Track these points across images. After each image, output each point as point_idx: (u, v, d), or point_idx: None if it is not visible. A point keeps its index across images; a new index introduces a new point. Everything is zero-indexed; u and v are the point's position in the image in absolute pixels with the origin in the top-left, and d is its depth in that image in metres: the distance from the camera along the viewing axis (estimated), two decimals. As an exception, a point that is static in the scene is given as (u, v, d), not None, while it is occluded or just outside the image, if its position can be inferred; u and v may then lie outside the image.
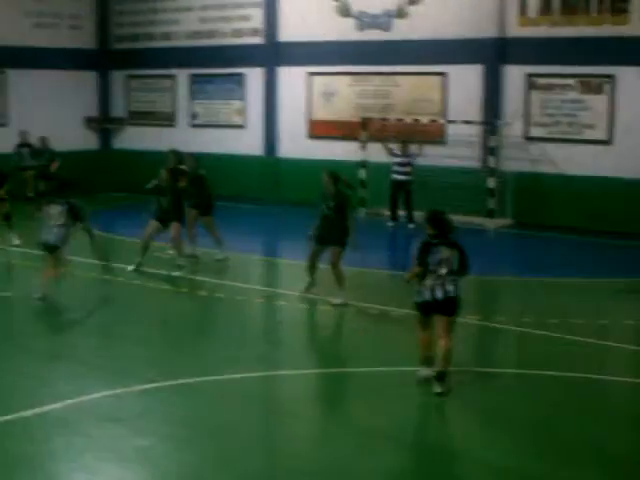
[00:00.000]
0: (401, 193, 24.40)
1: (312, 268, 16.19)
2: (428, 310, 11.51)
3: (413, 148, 24.34)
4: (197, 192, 19.19)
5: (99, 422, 10.22)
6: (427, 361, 11.70)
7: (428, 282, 11.40)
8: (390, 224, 24.41)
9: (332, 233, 15.64)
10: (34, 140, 27.56)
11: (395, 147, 24.46)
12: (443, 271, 11.39)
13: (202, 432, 10.13)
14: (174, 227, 18.40)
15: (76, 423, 10.18)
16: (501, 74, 24.56)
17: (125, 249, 21.00)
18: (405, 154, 24.32)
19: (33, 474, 8.95)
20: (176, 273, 18.03)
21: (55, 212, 15.91)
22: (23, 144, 27.23)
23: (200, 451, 9.54)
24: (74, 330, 14.22)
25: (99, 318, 15.48)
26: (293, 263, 19.92)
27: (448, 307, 11.43)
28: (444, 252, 11.46)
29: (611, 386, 12.04)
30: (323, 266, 16.16)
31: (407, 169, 24.27)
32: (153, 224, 18.42)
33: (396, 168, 24.34)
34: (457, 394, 11.67)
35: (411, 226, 23.94)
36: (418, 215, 23.88)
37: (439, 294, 11.36)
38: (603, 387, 11.98)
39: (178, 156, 19.93)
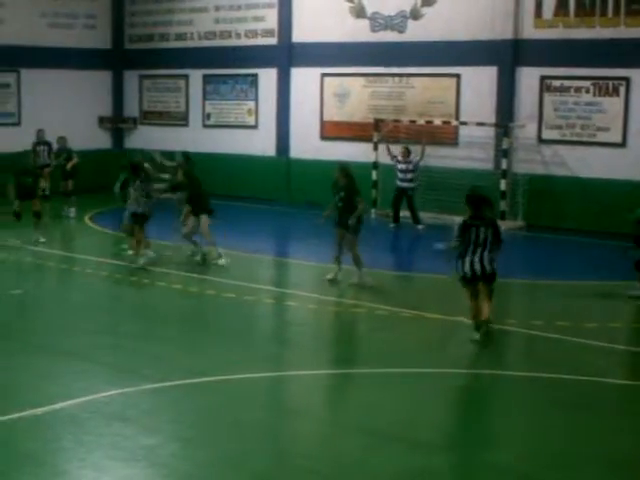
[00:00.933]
0: (403, 199, 24.38)
1: (339, 253, 17.34)
2: (470, 281, 13.33)
3: (414, 155, 24.27)
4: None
5: (108, 420, 10.22)
6: (477, 327, 13.49)
7: (467, 258, 13.16)
8: (392, 225, 24.35)
9: (344, 221, 16.91)
10: (52, 139, 27.57)
11: (398, 153, 24.40)
12: (479, 249, 13.11)
13: (210, 431, 10.12)
14: (204, 220, 18.96)
15: (85, 421, 10.18)
16: (515, 76, 24.49)
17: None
18: (407, 161, 24.18)
19: (42, 471, 8.95)
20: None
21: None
22: (40, 142, 27.24)
23: (208, 450, 9.53)
24: (85, 328, 14.21)
25: (109, 316, 15.49)
26: (303, 264, 19.92)
27: (487, 278, 13.31)
28: (481, 231, 13.14)
29: (620, 389, 11.99)
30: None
31: (409, 176, 24.17)
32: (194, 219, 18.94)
33: (399, 175, 24.26)
34: (467, 395, 11.67)
35: (420, 227, 23.97)
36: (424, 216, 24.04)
37: (477, 269, 13.14)
38: (610, 390, 11.93)
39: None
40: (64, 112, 30.05)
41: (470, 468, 9.40)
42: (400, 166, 24.20)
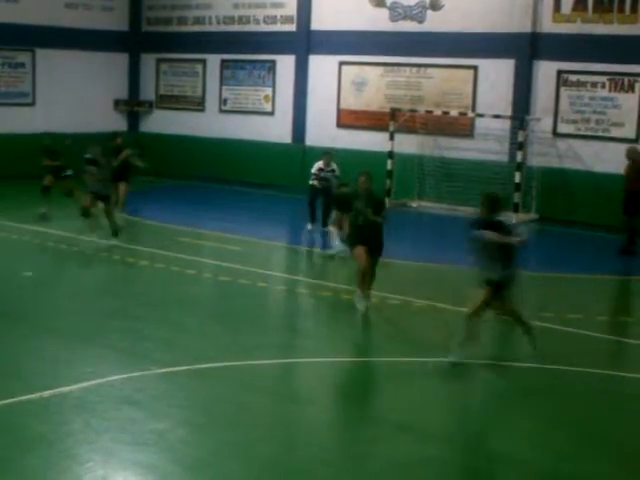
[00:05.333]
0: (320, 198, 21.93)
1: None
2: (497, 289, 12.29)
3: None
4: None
5: (117, 404, 10.27)
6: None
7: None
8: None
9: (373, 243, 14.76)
10: (67, 120, 27.44)
11: (321, 162, 21.87)
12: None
13: (220, 417, 10.16)
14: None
15: (94, 405, 10.23)
16: (532, 69, 24.46)
17: (148, 232, 21.13)
18: (330, 169, 21.72)
19: (51, 454, 9.00)
20: None
21: None
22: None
23: (217, 436, 9.60)
24: (95, 312, 14.26)
25: (120, 301, 15.53)
26: (317, 252, 19.97)
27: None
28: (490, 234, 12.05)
29: (632, 383, 12.00)
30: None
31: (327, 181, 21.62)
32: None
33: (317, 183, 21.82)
34: (478, 387, 11.70)
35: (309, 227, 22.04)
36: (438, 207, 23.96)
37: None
38: (622, 383, 11.94)
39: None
40: (79, 94, 30.12)
41: (479, 459, 9.43)
42: (322, 174, 21.72)
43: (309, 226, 21.88)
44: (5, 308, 14.29)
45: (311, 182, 21.80)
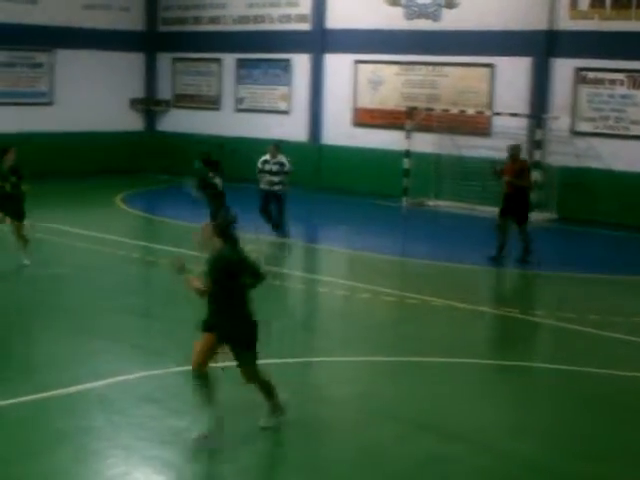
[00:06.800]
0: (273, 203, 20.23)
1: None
2: None
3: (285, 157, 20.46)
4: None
5: (137, 401, 10.27)
6: None
7: None
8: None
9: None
10: (85, 121, 27.50)
11: (267, 154, 20.33)
12: None
13: (238, 415, 10.10)
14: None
15: (115, 401, 10.23)
16: (550, 67, 24.35)
17: (167, 231, 21.12)
18: (276, 162, 20.15)
19: (71, 449, 9.00)
20: None
21: None
22: None
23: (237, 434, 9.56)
24: (116, 310, 14.24)
25: (141, 299, 15.53)
26: (334, 250, 19.92)
27: None
28: None
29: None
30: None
31: (276, 179, 20.08)
32: None
33: (266, 177, 20.17)
34: (498, 386, 11.65)
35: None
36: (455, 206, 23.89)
37: None
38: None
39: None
40: (96, 93, 30.21)
41: (498, 458, 9.35)
42: (268, 167, 20.14)
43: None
44: (31, 306, 14.39)
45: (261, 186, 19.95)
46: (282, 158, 20.15)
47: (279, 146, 20.65)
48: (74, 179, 27.46)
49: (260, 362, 9.56)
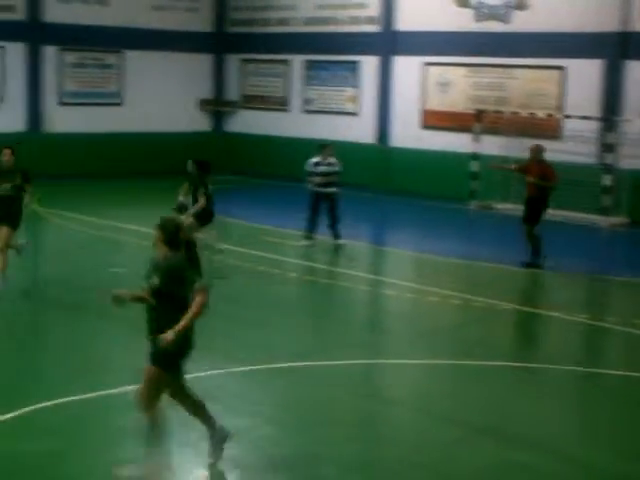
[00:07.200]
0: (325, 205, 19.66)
1: None
2: None
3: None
4: None
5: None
6: None
7: None
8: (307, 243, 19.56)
9: None
10: (153, 122, 27.68)
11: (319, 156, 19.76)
12: None
13: (301, 416, 10.08)
14: None
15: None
16: (622, 69, 23.97)
17: (235, 231, 21.16)
18: (328, 162, 19.65)
19: (133, 447, 8.95)
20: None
21: None
22: None
23: (298, 434, 9.55)
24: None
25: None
26: (403, 253, 19.79)
27: None
28: None
29: None
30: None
31: (331, 179, 19.59)
32: None
33: (317, 179, 19.57)
34: (562, 391, 11.46)
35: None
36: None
37: None
38: None
39: None
40: (165, 94, 30.51)
41: (563, 465, 9.17)
42: (320, 169, 19.58)
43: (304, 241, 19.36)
44: (92, 303, 14.45)
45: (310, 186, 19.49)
46: (333, 159, 19.76)
47: (331, 147, 20.11)
48: (141, 179, 27.65)
49: (325, 363, 9.48)
